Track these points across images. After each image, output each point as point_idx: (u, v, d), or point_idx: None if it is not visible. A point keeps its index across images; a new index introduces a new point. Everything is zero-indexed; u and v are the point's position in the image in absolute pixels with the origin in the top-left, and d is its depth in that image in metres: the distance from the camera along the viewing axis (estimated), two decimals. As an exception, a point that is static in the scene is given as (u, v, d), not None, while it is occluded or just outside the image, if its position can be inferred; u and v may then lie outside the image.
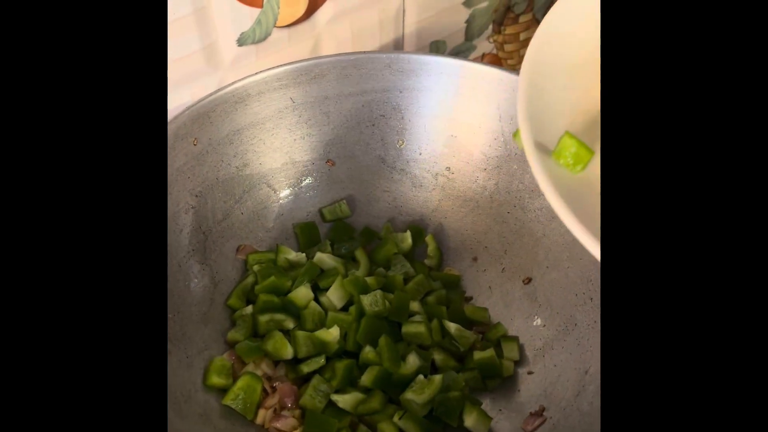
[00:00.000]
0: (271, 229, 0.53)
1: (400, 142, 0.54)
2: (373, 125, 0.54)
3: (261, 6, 0.53)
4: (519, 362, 0.49)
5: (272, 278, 0.49)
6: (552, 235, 0.50)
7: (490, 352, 0.48)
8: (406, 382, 0.46)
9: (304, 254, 0.52)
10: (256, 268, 0.50)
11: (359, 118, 0.54)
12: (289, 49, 0.58)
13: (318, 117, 0.53)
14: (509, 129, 0.51)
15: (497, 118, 0.52)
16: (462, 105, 0.52)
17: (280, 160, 0.53)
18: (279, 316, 0.48)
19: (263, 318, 0.48)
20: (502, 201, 0.53)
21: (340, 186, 0.55)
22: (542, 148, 0.32)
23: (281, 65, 0.51)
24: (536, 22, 0.74)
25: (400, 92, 0.53)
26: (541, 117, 0.33)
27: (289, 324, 0.48)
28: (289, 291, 0.49)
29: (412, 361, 0.47)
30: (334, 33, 0.59)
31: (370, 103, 0.53)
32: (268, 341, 0.47)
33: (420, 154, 0.55)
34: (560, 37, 0.36)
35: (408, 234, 0.53)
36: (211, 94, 0.48)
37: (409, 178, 0.55)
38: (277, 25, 0.56)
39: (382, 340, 0.46)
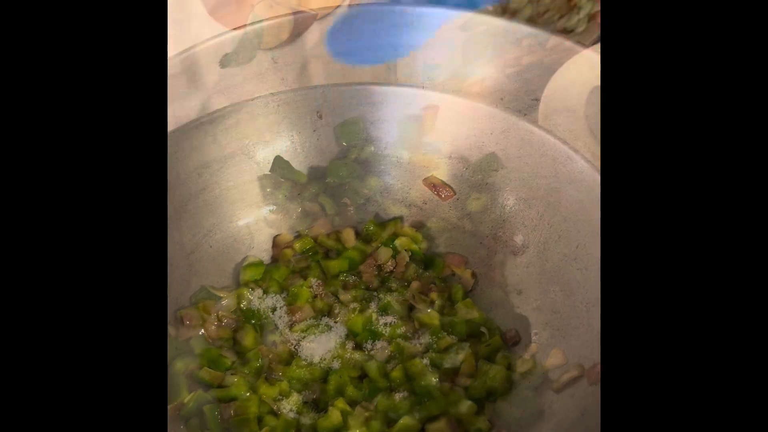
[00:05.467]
0: (241, 262, 0.53)
1: (375, 171, 0.54)
2: (346, 156, 0.54)
3: (243, 28, 0.53)
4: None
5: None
6: (522, 266, 0.49)
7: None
8: None
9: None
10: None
11: (333, 148, 0.53)
12: (275, 71, 0.57)
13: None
14: (478, 159, 0.51)
15: (467, 147, 0.51)
16: (432, 134, 0.52)
17: (251, 192, 0.53)
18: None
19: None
20: (474, 231, 0.52)
21: (312, 218, 0.55)
22: None
23: (254, 98, 0.51)
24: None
25: (371, 123, 0.53)
26: None
27: None
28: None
29: None
30: (321, 56, 0.59)
31: (344, 135, 0.53)
32: None
33: (392, 184, 0.54)
34: None
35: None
36: (172, 131, 0.49)
37: (383, 209, 0.54)
38: (261, 47, 0.56)
39: None
